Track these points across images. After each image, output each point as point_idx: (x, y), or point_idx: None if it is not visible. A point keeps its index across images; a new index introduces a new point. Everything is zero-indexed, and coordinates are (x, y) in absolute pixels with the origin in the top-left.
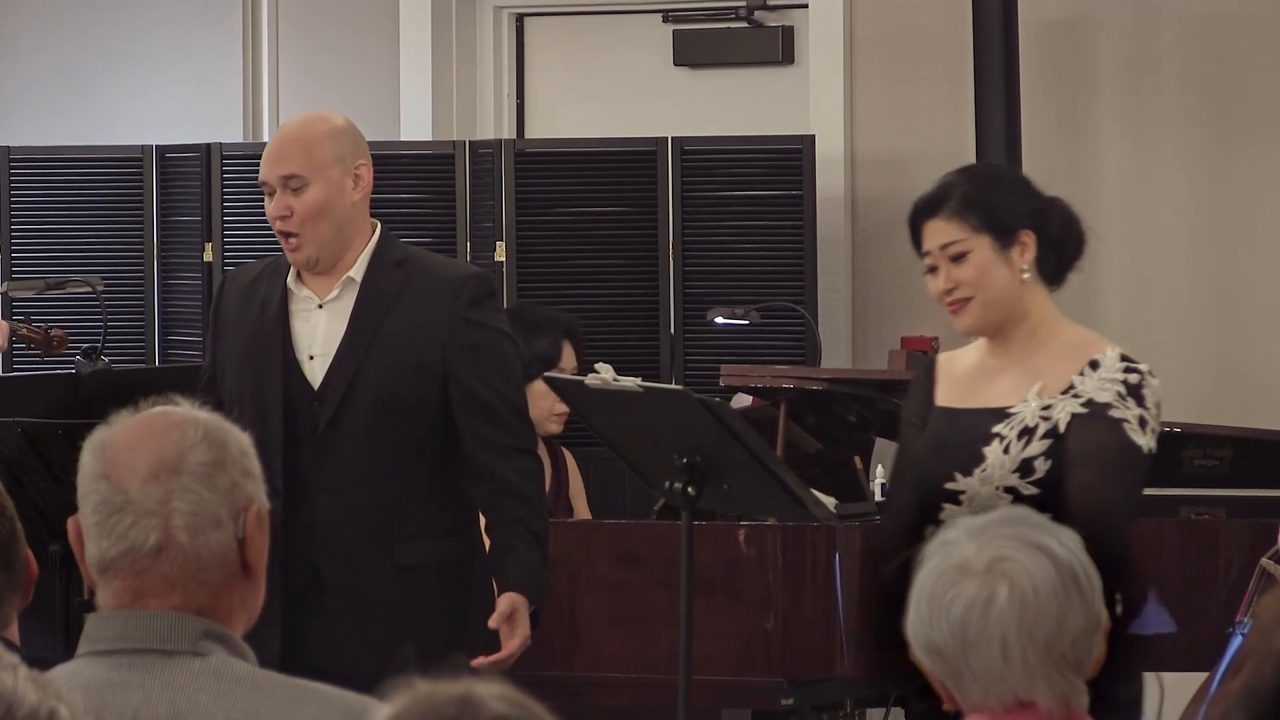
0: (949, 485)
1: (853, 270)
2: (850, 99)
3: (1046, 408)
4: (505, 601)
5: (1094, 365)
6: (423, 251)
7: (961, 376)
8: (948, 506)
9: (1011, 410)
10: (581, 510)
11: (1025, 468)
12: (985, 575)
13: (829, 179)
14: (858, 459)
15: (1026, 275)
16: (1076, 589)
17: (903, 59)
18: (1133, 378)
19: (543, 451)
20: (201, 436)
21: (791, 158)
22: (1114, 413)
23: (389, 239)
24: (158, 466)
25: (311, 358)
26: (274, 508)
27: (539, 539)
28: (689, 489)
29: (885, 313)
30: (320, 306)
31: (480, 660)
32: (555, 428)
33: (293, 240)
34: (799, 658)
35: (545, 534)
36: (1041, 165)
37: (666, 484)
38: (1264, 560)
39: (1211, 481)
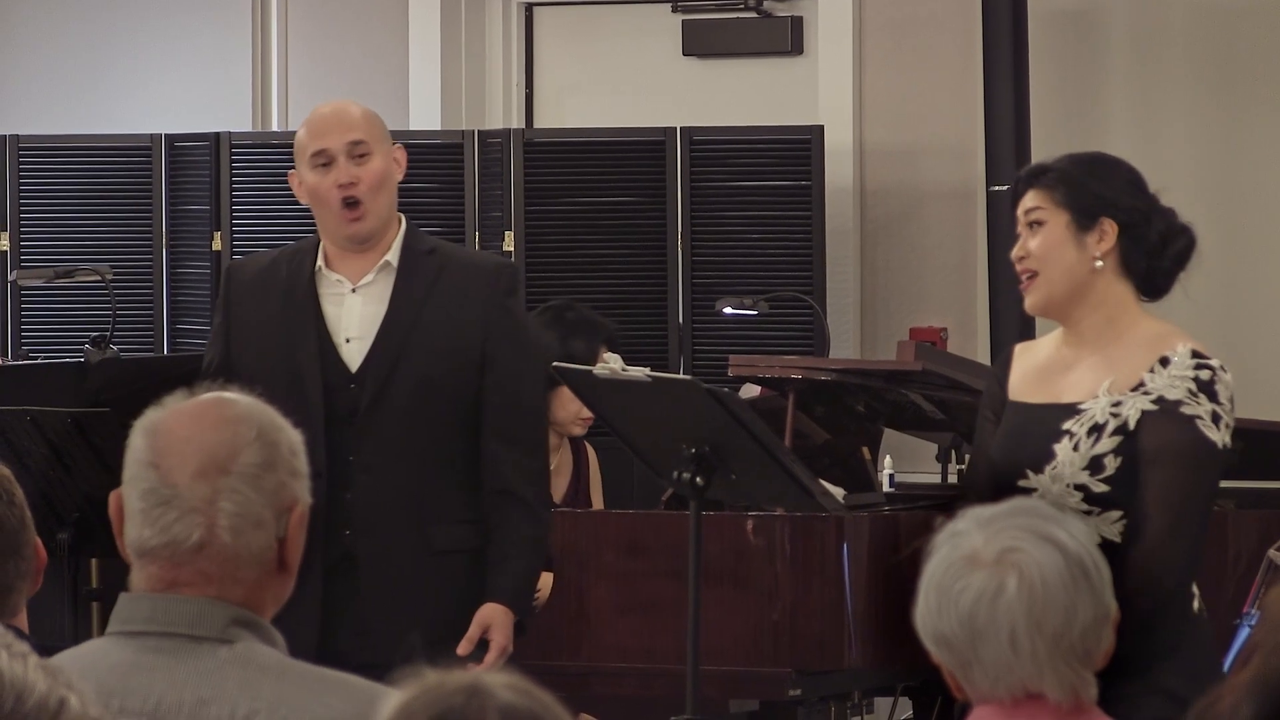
0: (1022, 483)
1: (861, 260)
2: (859, 89)
3: (1117, 404)
4: (481, 615)
5: (1164, 362)
6: (448, 242)
7: (1036, 368)
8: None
9: (1082, 406)
10: (597, 505)
11: (1095, 465)
12: (994, 566)
13: (838, 169)
14: (866, 449)
15: (1100, 264)
16: (1085, 580)
17: (912, 49)
18: (1204, 374)
19: (566, 449)
20: (255, 436)
21: (800, 148)
22: (1186, 409)
23: (416, 229)
24: (208, 464)
25: (348, 340)
26: (317, 489)
27: (534, 544)
28: (697, 479)
29: (894, 303)
30: (353, 290)
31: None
32: (579, 430)
33: (359, 209)
34: (807, 648)
35: (542, 537)
36: (1049, 154)
37: (675, 474)
38: (1271, 551)
39: (1221, 474)
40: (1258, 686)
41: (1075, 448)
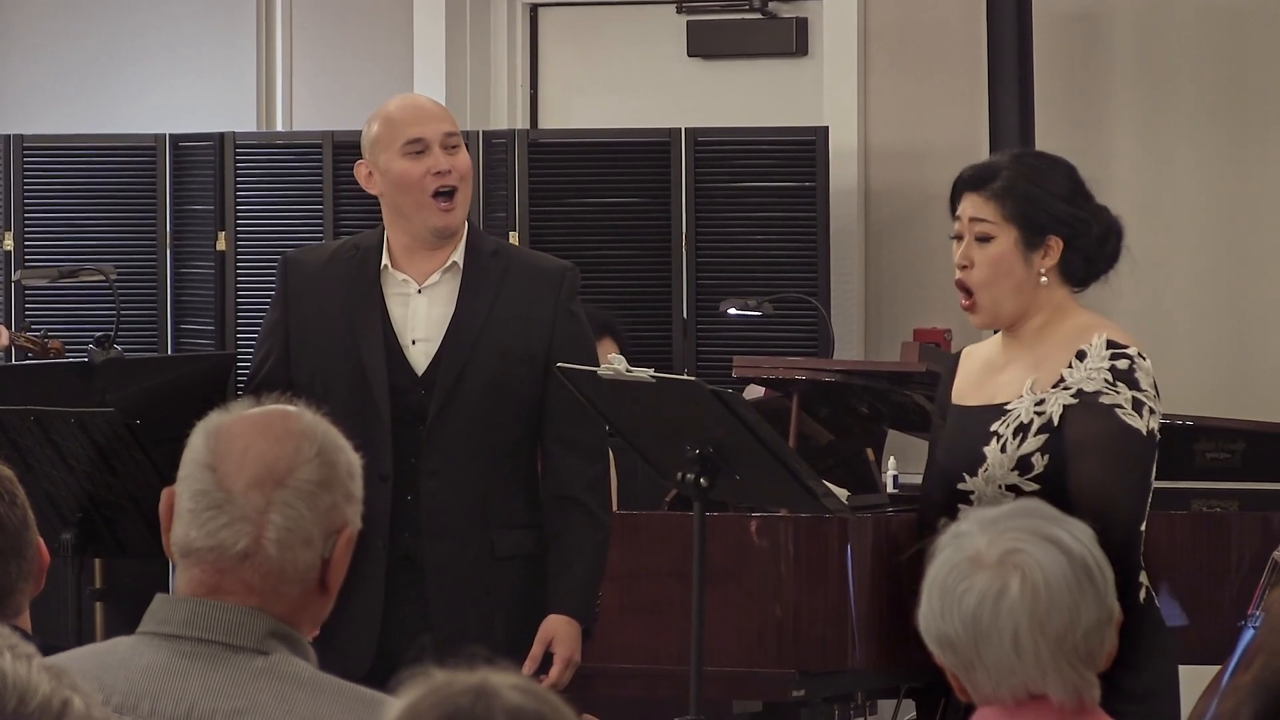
0: (960, 486)
1: (865, 262)
2: (864, 91)
3: (1040, 403)
4: (544, 629)
5: (1080, 355)
6: (508, 243)
7: (974, 371)
8: (962, 507)
9: (1008, 407)
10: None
11: (1023, 465)
12: (997, 567)
13: (842, 170)
14: (870, 451)
15: (1044, 280)
16: (1089, 581)
17: (917, 51)
18: (1121, 363)
19: None
20: (315, 453)
21: (805, 149)
22: (1105, 399)
23: (478, 229)
24: (265, 474)
25: (415, 342)
26: (382, 493)
27: (596, 551)
28: (701, 480)
29: (898, 305)
30: (419, 291)
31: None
32: None
33: (452, 199)
34: (810, 649)
35: (604, 543)
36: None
37: (679, 475)
38: (1276, 553)
39: (1223, 475)
40: (1260, 689)
41: (1003, 449)
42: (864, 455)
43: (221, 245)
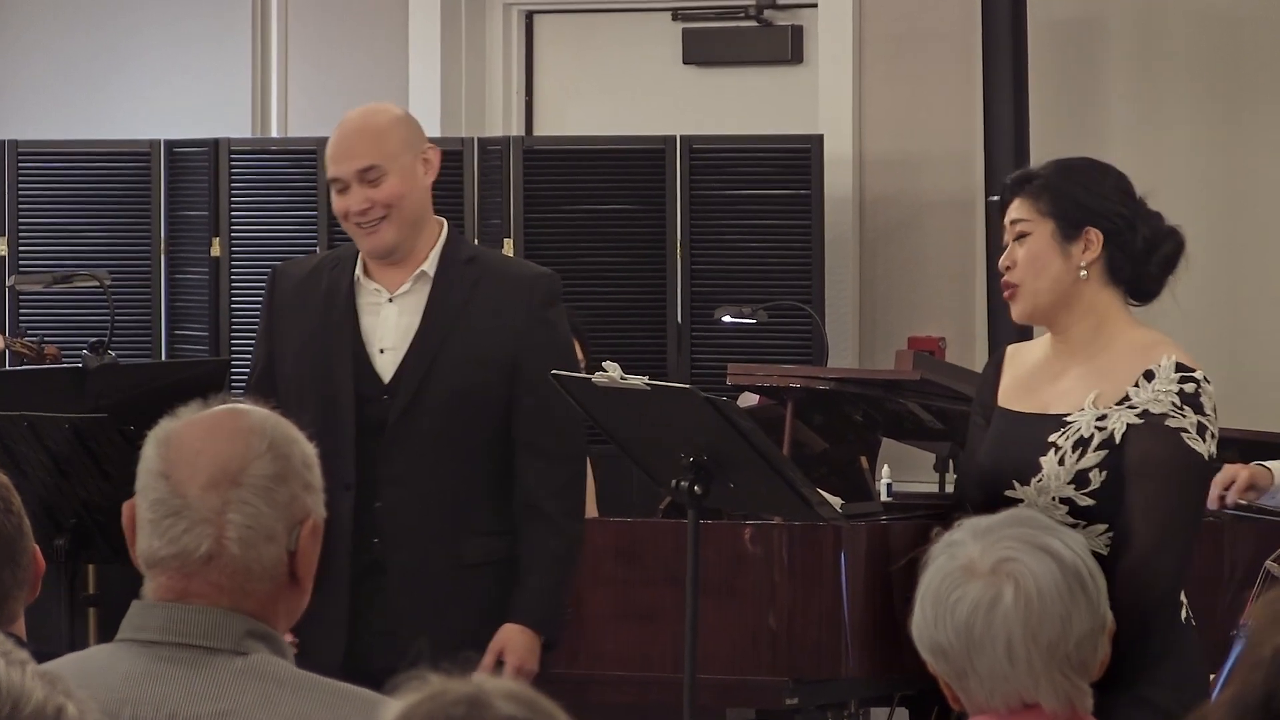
0: (1008, 493)
1: (860, 270)
2: (859, 99)
3: (1102, 418)
4: (497, 638)
5: (1149, 375)
6: (489, 249)
7: (1025, 374)
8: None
9: (1068, 419)
10: (590, 510)
11: (1080, 479)
12: (990, 576)
13: (837, 178)
14: (864, 459)
15: (1084, 274)
16: (1082, 591)
17: (912, 59)
18: (1189, 386)
19: None
20: (267, 448)
21: (800, 157)
22: (1171, 422)
23: (456, 235)
24: (219, 475)
25: (382, 351)
26: (345, 500)
27: (556, 560)
28: (695, 487)
29: (892, 312)
30: (390, 300)
31: None
32: None
33: (373, 227)
34: (804, 657)
35: (567, 551)
36: (1049, 160)
37: (673, 482)
38: (1269, 563)
39: None
40: (1237, 703)
41: (1061, 461)
42: (858, 463)
43: (216, 251)
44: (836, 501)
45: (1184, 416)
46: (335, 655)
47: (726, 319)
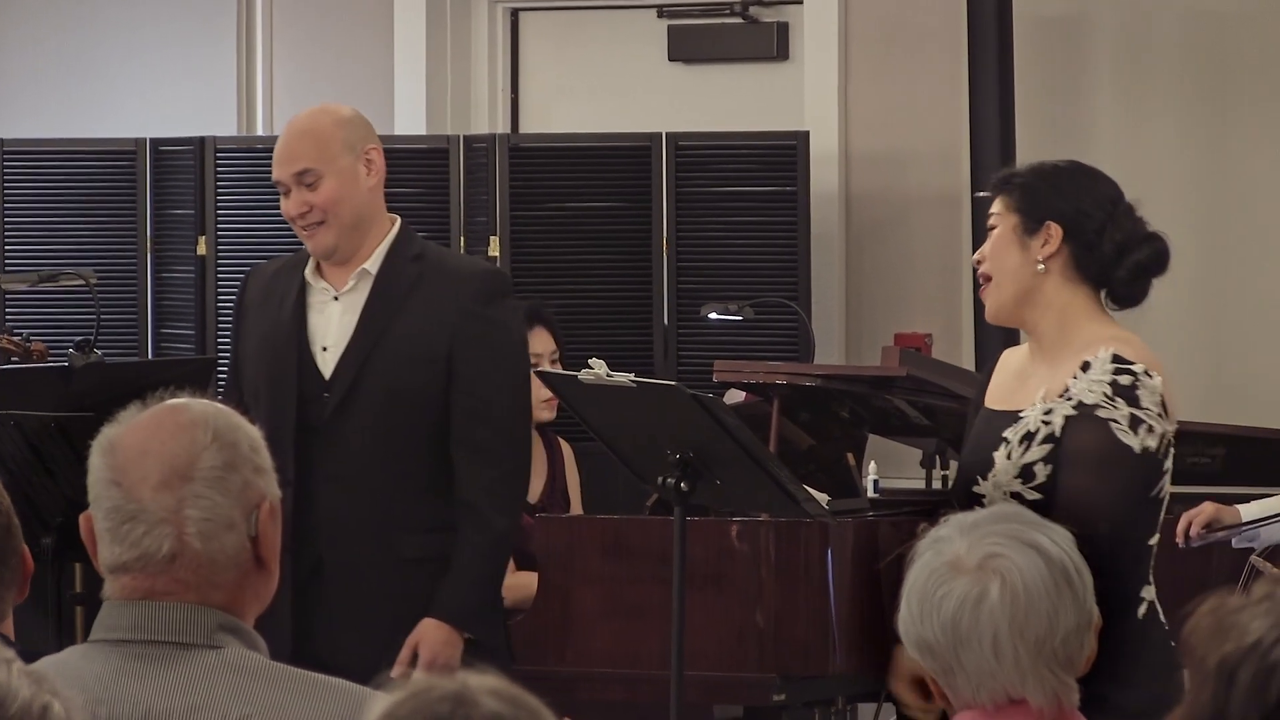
0: (975, 489)
1: (846, 266)
2: (844, 95)
3: (1048, 412)
4: (414, 633)
5: (1085, 367)
6: (441, 248)
7: (1008, 375)
8: (978, 510)
9: (1021, 414)
10: (575, 505)
11: (1026, 473)
12: (977, 572)
13: (823, 175)
14: (850, 455)
15: (1042, 268)
16: (1068, 586)
17: (897, 55)
18: (1124, 379)
19: (539, 447)
20: (212, 438)
21: (786, 153)
22: (1101, 413)
23: (408, 233)
24: (169, 474)
25: (325, 349)
26: (285, 498)
27: (480, 554)
28: (682, 484)
29: (878, 309)
30: (336, 299)
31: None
32: (548, 414)
33: (312, 230)
34: (791, 654)
35: (494, 546)
36: (1035, 161)
37: (659, 479)
38: (1253, 558)
39: (1204, 479)
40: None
41: (1008, 455)
42: (844, 460)
43: (202, 250)
44: (823, 498)
45: (1115, 408)
46: (282, 652)
47: (713, 316)
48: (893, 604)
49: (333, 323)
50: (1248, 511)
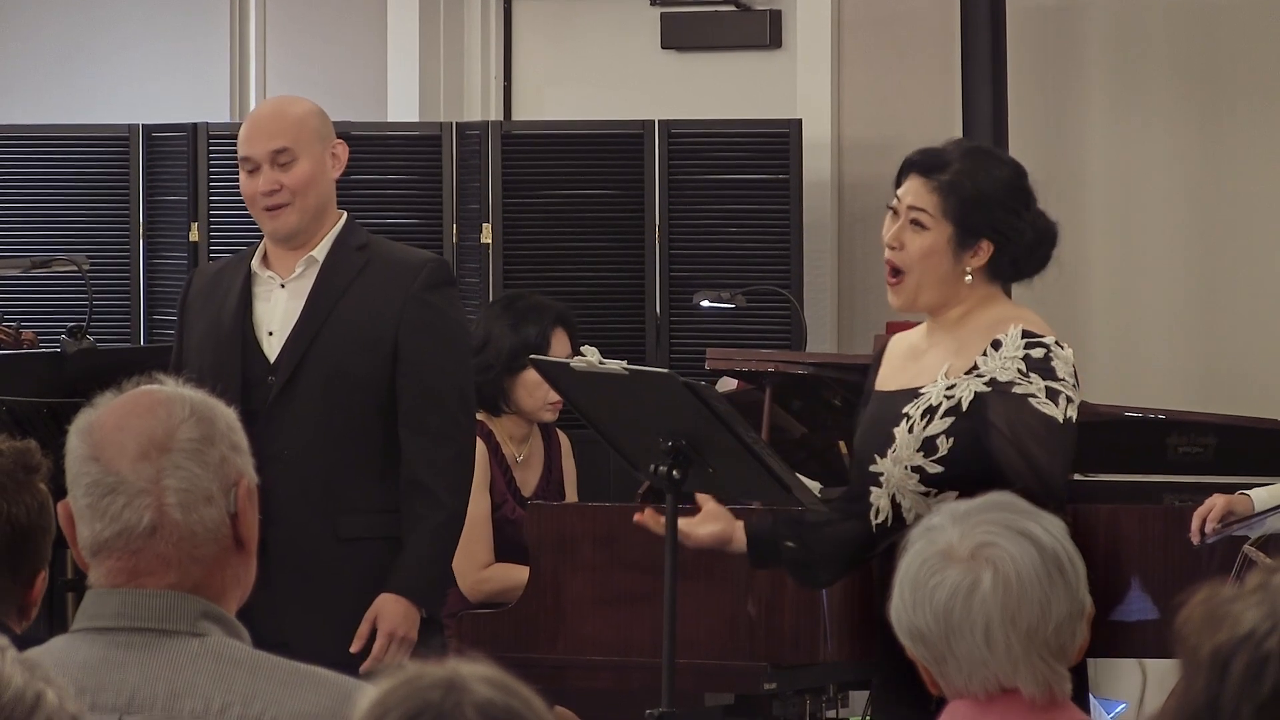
0: (872, 468)
1: (839, 255)
2: (837, 83)
3: (951, 387)
4: (371, 608)
5: (996, 345)
6: (386, 239)
7: (897, 358)
8: (874, 489)
9: (922, 390)
10: (570, 496)
11: (928, 446)
12: (969, 561)
13: (816, 163)
14: (842, 443)
15: (969, 279)
16: (1060, 575)
17: (890, 44)
18: (1036, 352)
19: (537, 439)
20: (189, 413)
21: (778, 142)
22: (1018, 389)
23: (354, 225)
24: (147, 445)
25: (270, 334)
26: None
27: (434, 532)
28: (674, 472)
29: (871, 297)
30: (283, 286)
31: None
32: (550, 416)
33: (276, 211)
34: (782, 642)
35: (445, 524)
36: (1028, 150)
37: (651, 467)
38: (1246, 547)
39: (1195, 468)
40: (1183, 715)
41: (910, 430)
42: (837, 448)
43: (194, 236)
44: (815, 486)
45: (1030, 382)
46: None
47: (705, 304)
48: (883, 592)
49: (279, 309)
50: (1258, 498)
